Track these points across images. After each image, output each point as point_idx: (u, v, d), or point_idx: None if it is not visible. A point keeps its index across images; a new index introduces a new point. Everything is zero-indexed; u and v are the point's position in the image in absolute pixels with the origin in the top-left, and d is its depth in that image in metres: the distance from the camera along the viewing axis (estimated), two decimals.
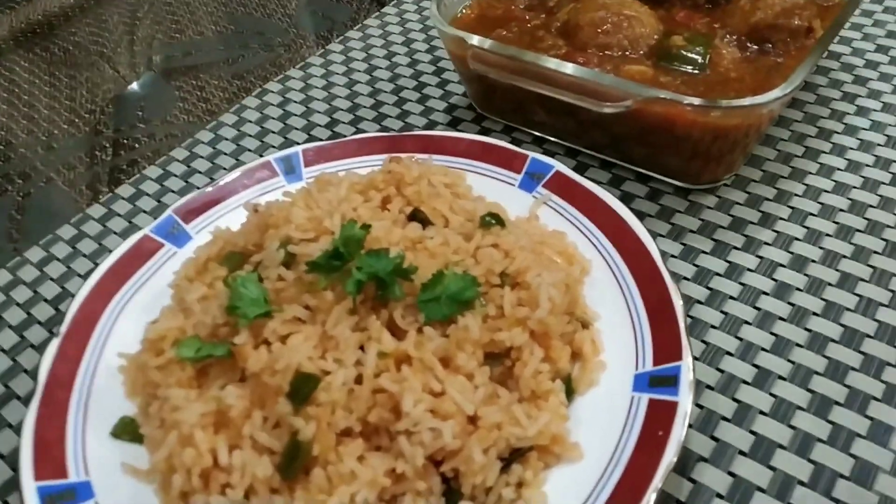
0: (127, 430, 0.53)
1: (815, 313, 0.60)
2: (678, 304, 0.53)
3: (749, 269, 0.63)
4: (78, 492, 0.50)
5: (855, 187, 0.69)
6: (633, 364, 0.52)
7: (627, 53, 0.68)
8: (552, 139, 0.76)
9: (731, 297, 0.61)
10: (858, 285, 0.61)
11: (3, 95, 1.03)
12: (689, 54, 0.66)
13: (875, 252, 0.63)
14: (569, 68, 0.64)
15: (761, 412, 0.54)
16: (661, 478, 0.44)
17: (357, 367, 0.48)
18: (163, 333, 0.52)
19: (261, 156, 0.82)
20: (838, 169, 0.71)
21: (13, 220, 0.84)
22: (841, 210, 0.67)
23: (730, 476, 0.51)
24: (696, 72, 0.66)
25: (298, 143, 0.81)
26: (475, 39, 0.69)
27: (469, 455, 0.45)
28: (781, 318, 0.60)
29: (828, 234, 0.65)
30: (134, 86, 1.02)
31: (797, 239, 0.65)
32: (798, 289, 0.61)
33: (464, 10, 0.79)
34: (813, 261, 0.63)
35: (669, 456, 0.45)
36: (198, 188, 0.79)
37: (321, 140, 0.80)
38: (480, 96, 0.79)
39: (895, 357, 0.56)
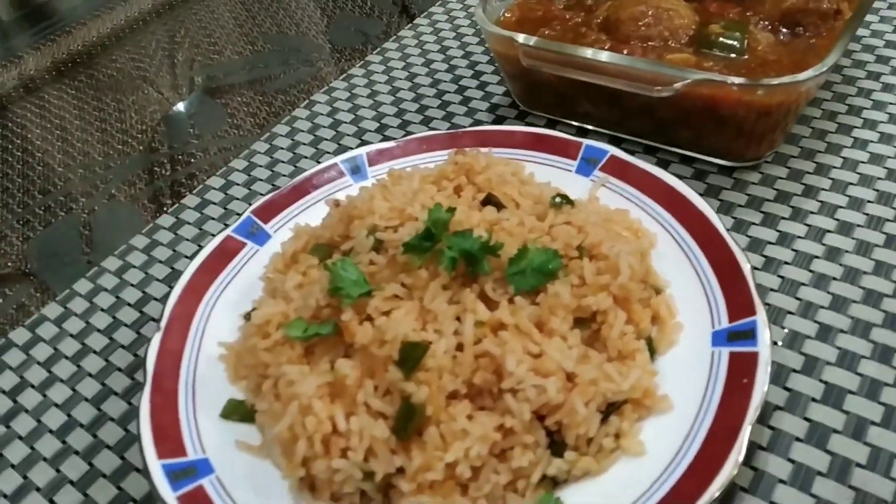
0: (236, 411, 0.57)
1: (865, 272, 0.63)
2: (745, 265, 0.57)
3: (799, 237, 0.67)
4: (198, 468, 0.53)
5: (889, 157, 0.73)
6: (708, 323, 0.56)
7: (669, 43, 0.73)
8: (596, 129, 0.80)
9: (786, 263, 0.65)
10: None
11: (55, 122, 1.07)
12: (728, 41, 0.71)
13: None
14: (622, 59, 0.68)
15: (828, 363, 0.57)
16: (753, 415, 0.47)
17: (456, 337, 0.52)
18: (268, 318, 0.56)
19: (318, 162, 0.86)
20: (871, 141, 0.75)
21: (83, 235, 0.88)
22: (879, 178, 0.71)
23: (806, 421, 0.54)
24: (735, 56, 0.70)
25: (352, 148, 0.85)
26: (524, 37, 0.73)
27: (572, 407, 0.49)
28: (835, 279, 0.63)
29: (869, 201, 0.69)
30: (181, 105, 1.07)
31: (841, 207, 0.69)
32: (847, 251, 0.65)
33: (505, 14, 0.83)
34: (859, 225, 0.67)
35: (757, 398, 0.49)
36: (262, 195, 0.83)
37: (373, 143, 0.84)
38: (525, 93, 0.83)
39: None
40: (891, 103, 0.79)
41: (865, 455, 0.52)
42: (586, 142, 0.71)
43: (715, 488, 0.46)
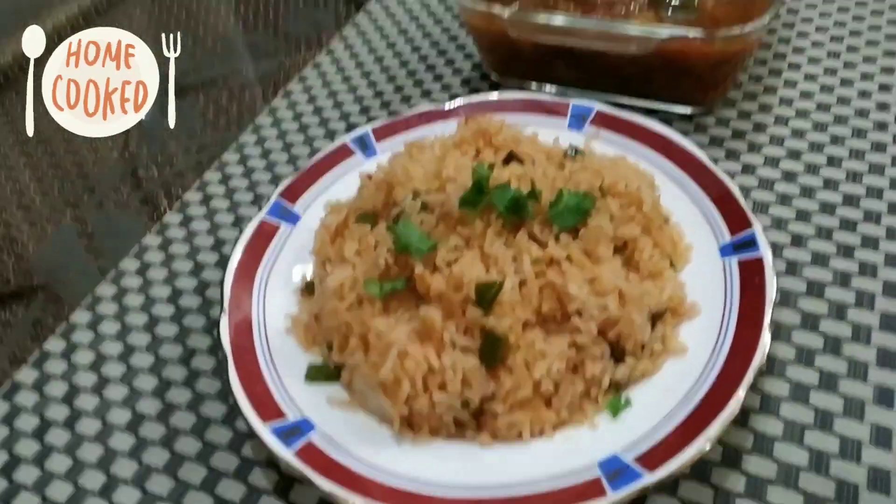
0: (320, 373, 0.62)
1: (818, 188, 0.76)
2: (734, 188, 0.68)
3: (759, 166, 0.79)
4: (301, 427, 0.58)
5: (816, 92, 0.87)
6: (714, 240, 0.66)
7: (630, 9, 0.83)
8: (566, 91, 0.89)
9: (754, 188, 0.77)
10: (844, 163, 0.78)
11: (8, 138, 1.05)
12: (681, 2, 0.82)
13: (848, 138, 0.81)
14: (605, 24, 0.78)
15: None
16: (770, 306, 0.58)
17: (517, 275, 0.59)
18: (340, 282, 0.61)
19: (310, 146, 0.90)
20: (798, 81, 0.88)
21: (83, 244, 0.88)
22: (811, 111, 0.84)
23: (803, 281, 0.67)
24: (690, 15, 0.81)
25: (341, 132, 0.90)
26: (499, 7, 0.81)
27: (630, 319, 0.57)
28: (794, 196, 0.75)
29: (808, 130, 0.82)
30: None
31: (786, 137, 0.82)
32: (799, 172, 0.78)
33: None
34: (803, 152, 0.80)
35: (772, 290, 0.59)
36: (264, 183, 0.87)
37: (359, 125, 0.89)
38: (500, 63, 0.91)
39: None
40: (806, 48, 0.92)
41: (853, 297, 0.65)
42: (572, 101, 0.80)
43: (755, 366, 0.55)
